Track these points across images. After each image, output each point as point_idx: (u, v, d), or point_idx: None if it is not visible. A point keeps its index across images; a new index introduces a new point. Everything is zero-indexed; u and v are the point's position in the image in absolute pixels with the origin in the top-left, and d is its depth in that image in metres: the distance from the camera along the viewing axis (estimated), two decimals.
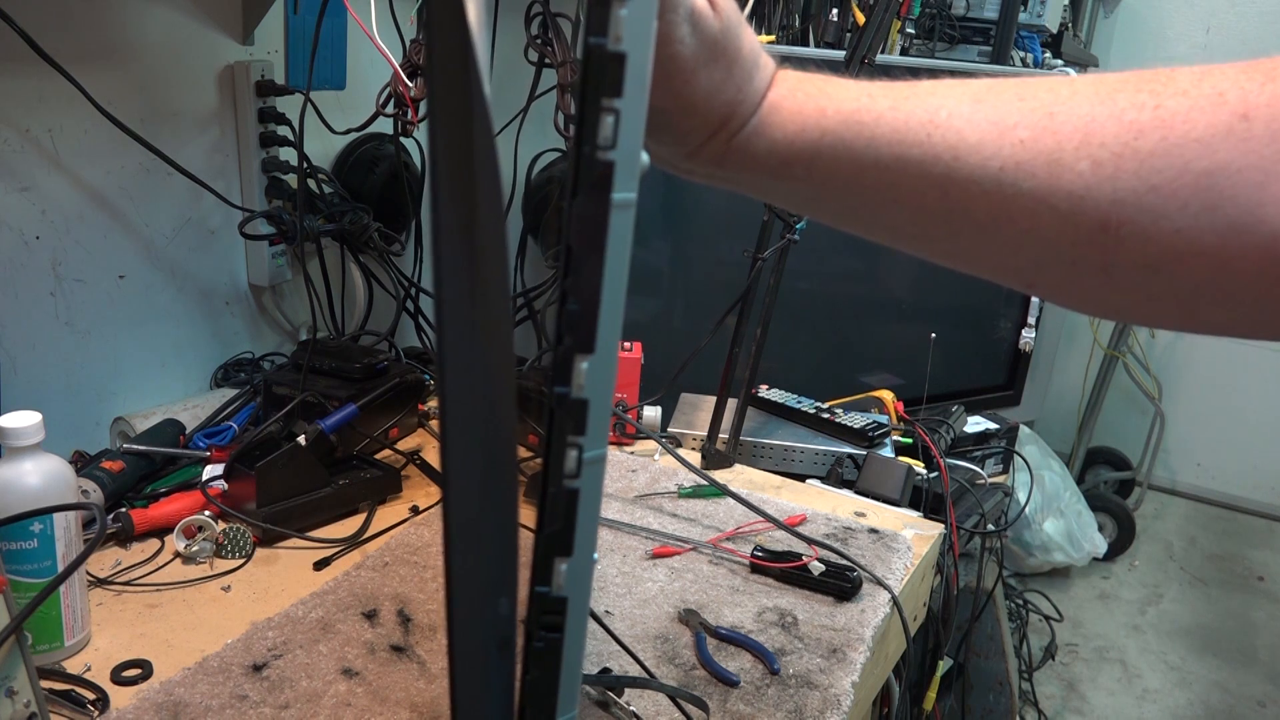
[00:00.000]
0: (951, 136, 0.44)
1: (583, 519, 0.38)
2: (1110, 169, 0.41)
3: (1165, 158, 0.40)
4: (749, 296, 1.23)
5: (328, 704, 0.75)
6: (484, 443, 0.35)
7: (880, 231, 0.51)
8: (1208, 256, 0.40)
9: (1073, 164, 0.42)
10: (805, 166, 0.48)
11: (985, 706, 1.71)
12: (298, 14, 1.26)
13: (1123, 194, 0.41)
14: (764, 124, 0.49)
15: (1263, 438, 3.34)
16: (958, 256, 0.49)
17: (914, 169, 0.45)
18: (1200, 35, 3.23)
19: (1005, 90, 0.45)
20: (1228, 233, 0.39)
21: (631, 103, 0.36)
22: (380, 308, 1.50)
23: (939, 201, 0.45)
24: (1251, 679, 2.50)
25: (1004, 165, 0.43)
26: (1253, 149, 0.39)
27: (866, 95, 0.47)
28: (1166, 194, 0.40)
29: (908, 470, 1.20)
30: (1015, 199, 0.43)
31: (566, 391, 0.37)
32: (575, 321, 0.36)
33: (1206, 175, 0.39)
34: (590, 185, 0.36)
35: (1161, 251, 0.41)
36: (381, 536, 1.02)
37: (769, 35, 1.81)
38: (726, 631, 0.88)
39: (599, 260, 0.36)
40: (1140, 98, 0.42)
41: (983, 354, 1.92)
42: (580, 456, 0.37)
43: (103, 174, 1.13)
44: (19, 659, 0.65)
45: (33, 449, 0.77)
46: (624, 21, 0.35)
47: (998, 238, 0.45)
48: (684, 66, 0.46)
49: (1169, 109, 0.41)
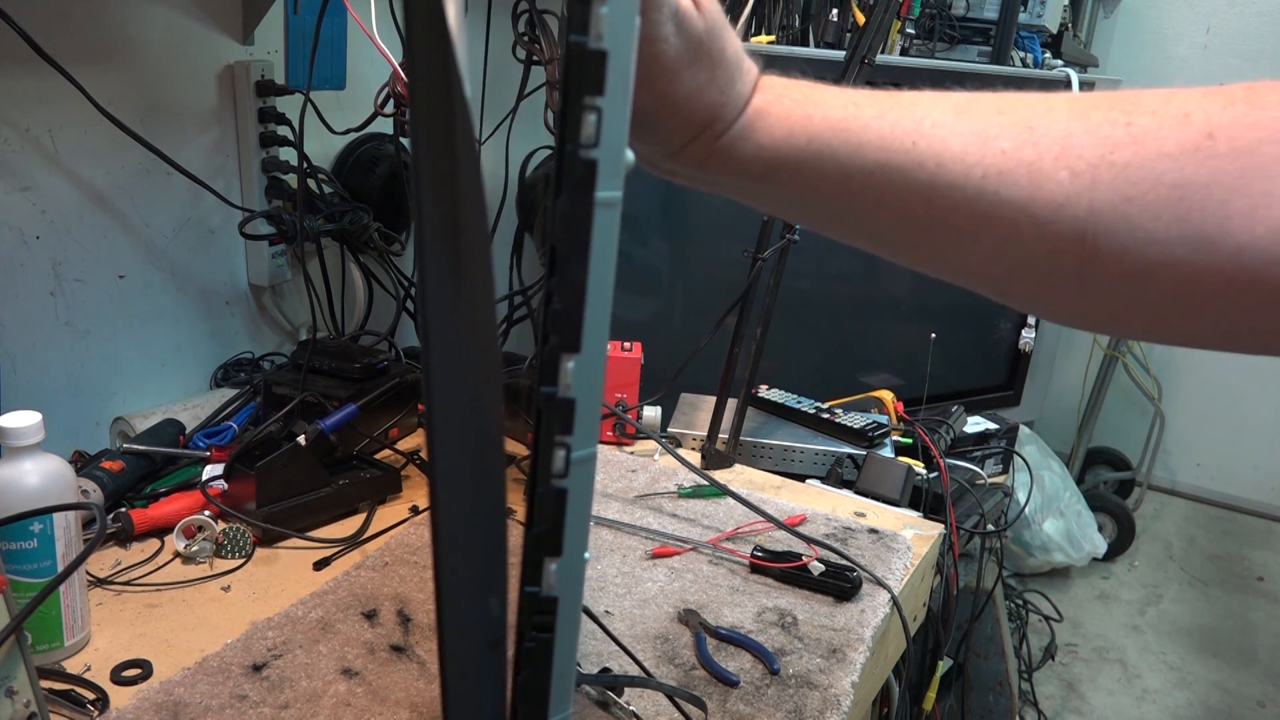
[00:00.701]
0: (936, 145, 0.45)
1: (572, 518, 0.38)
2: (1088, 180, 0.43)
3: (1139, 171, 0.42)
4: (749, 296, 1.23)
5: (328, 704, 0.75)
6: (471, 442, 0.35)
7: (861, 237, 0.52)
8: (1178, 267, 0.42)
9: (1052, 174, 0.43)
10: (790, 172, 0.49)
11: (985, 706, 1.71)
12: (298, 14, 1.26)
13: (1100, 204, 0.42)
14: (750, 128, 0.49)
15: (1263, 438, 3.34)
16: (936, 263, 0.50)
17: (899, 176, 0.46)
18: (1200, 35, 3.23)
19: (985, 104, 0.47)
20: (1196, 244, 0.41)
21: (614, 101, 0.36)
22: (380, 308, 1.50)
23: (922, 208, 0.46)
24: (1251, 679, 2.50)
25: (986, 174, 0.44)
26: (1218, 165, 0.41)
27: (853, 104, 0.48)
28: (1140, 205, 0.42)
29: (907, 470, 1.20)
30: (997, 207, 0.44)
31: (554, 391, 0.37)
32: (560, 321, 0.36)
33: (1177, 189, 0.41)
34: (574, 184, 0.36)
35: (1135, 261, 0.43)
36: (381, 536, 1.02)
37: (769, 35, 1.81)
38: (726, 631, 0.88)
39: (583, 259, 0.36)
40: (1113, 115, 0.44)
41: (983, 354, 1.92)
42: (568, 456, 0.37)
43: (103, 174, 1.13)
44: (19, 659, 0.65)
45: (33, 449, 0.77)
46: (605, 19, 0.35)
47: (978, 245, 0.46)
48: (668, 66, 0.46)
49: (1140, 126, 0.43)
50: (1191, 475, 3.48)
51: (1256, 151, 0.40)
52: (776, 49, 1.55)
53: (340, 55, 1.32)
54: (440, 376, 0.33)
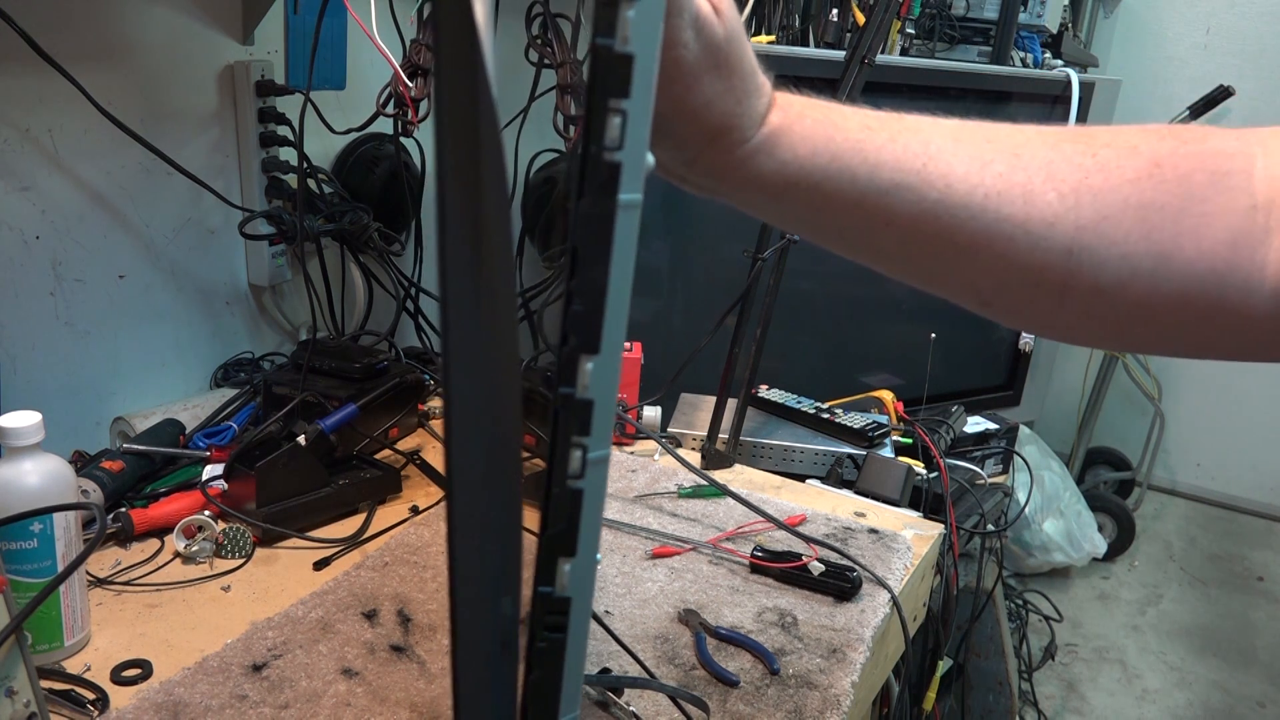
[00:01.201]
0: (943, 168, 0.50)
1: (586, 519, 0.38)
2: (1072, 200, 0.49)
3: (1110, 194, 0.48)
4: (749, 296, 1.23)
5: (328, 704, 0.75)
6: (488, 443, 0.35)
7: (865, 252, 0.54)
8: (1144, 279, 0.48)
9: (1043, 195, 0.49)
10: (808, 188, 0.51)
11: (985, 706, 1.71)
12: (298, 14, 1.26)
13: (1084, 221, 0.48)
14: (774, 144, 0.50)
15: (1263, 438, 3.33)
16: (930, 276, 0.54)
17: (912, 196, 0.50)
18: (1200, 35, 3.23)
19: (975, 132, 0.52)
20: (1158, 259, 0.48)
21: (638, 104, 0.36)
22: (380, 308, 1.50)
23: (930, 226, 0.50)
24: (1251, 679, 2.50)
25: (988, 194, 0.49)
26: (1168, 189, 0.48)
27: (867, 127, 0.51)
28: (1114, 223, 0.48)
29: (907, 470, 1.20)
30: (997, 224, 0.49)
31: (572, 392, 0.37)
32: (580, 322, 0.36)
33: (1139, 209, 0.48)
34: (597, 186, 0.36)
35: (1111, 274, 0.49)
36: (381, 536, 1.02)
37: (769, 35, 1.81)
38: (726, 631, 0.88)
39: (605, 261, 0.36)
40: (1079, 146, 0.50)
41: (983, 354, 1.92)
42: (585, 457, 0.37)
43: (103, 174, 1.13)
44: (19, 659, 0.65)
45: (33, 449, 0.77)
46: (632, 23, 0.35)
47: (976, 260, 0.50)
48: (687, 72, 0.47)
49: (1103, 156, 0.49)
50: (1191, 475, 3.48)
51: (1191, 179, 0.48)
52: (776, 49, 1.55)
53: (340, 55, 1.32)
54: (459, 376, 0.33)
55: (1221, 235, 0.47)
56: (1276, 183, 0.48)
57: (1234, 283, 0.48)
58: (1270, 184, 0.48)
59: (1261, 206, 0.48)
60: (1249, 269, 0.47)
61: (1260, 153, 0.49)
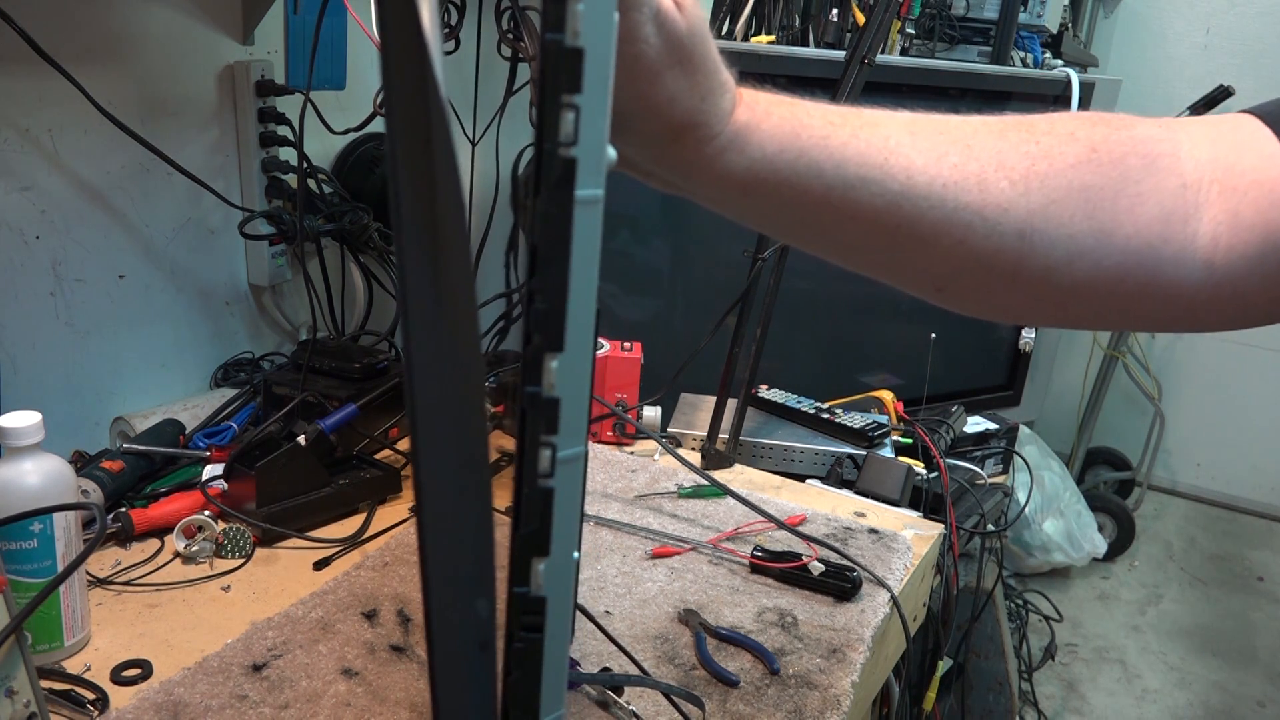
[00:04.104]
0: (904, 160, 0.51)
1: (560, 518, 0.37)
2: (1023, 187, 0.51)
3: (1056, 179, 0.51)
4: (749, 296, 1.23)
5: (328, 704, 0.75)
6: (456, 443, 0.35)
7: (826, 245, 0.56)
8: (1087, 257, 0.51)
9: (996, 183, 0.51)
10: (776, 184, 0.51)
11: (985, 706, 1.71)
12: (298, 14, 1.26)
13: (1034, 205, 0.51)
14: (743, 141, 0.50)
15: (1263, 438, 3.33)
16: (889, 265, 0.56)
17: (875, 188, 0.51)
18: (1200, 35, 3.23)
19: (928, 124, 0.53)
20: (1099, 236, 0.51)
21: (592, 98, 0.35)
22: (380, 308, 1.50)
23: (893, 217, 0.51)
24: (1251, 679, 2.50)
25: (946, 184, 0.51)
26: (1105, 172, 0.51)
27: (830, 122, 0.52)
28: (1061, 205, 0.51)
29: (907, 470, 1.20)
30: (956, 212, 0.51)
31: (538, 391, 0.36)
32: (543, 320, 0.36)
33: (1082, 191, 0.51)
34: (553, 182, 0.35)
35: (1059, 254, 0.51)
36: (381, 536, 1.02)
37: (769, 35, 1.80)
38: (726, 631, 0.88)
39: (564, 258, 0.36)
40: (1023, 135, 0.52)
41: (983, 354, 1.92)
42: (554, 456, 0.37)
43: (103, 174, 1.13)
44: (19, 659, 0.65)
45: (33, 449, 0.77)
46: (582, 16, 0.34)
47: (935, 248, 0.52)
48: (648, 67, 0.47)
49: (1045, 145, 0.52)
50: (1191, 475, 3.48)
51: (1125, 162, 0.51)
52: (777, 49, 1.55)
53: (340, 55, 1.32)
54: (423, 379, 0.33)
55: (1155, 212, 0.51)
56: (1203, 164, 0.52)
57: (1168, 255, 0.51)
58: (1197, 165, 0.52)
59: (1191, 185, 0.51)
60: (1181, 241, 0.51)
61: (1185, 139, 0.53)
